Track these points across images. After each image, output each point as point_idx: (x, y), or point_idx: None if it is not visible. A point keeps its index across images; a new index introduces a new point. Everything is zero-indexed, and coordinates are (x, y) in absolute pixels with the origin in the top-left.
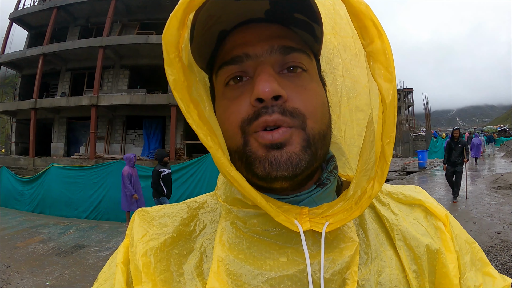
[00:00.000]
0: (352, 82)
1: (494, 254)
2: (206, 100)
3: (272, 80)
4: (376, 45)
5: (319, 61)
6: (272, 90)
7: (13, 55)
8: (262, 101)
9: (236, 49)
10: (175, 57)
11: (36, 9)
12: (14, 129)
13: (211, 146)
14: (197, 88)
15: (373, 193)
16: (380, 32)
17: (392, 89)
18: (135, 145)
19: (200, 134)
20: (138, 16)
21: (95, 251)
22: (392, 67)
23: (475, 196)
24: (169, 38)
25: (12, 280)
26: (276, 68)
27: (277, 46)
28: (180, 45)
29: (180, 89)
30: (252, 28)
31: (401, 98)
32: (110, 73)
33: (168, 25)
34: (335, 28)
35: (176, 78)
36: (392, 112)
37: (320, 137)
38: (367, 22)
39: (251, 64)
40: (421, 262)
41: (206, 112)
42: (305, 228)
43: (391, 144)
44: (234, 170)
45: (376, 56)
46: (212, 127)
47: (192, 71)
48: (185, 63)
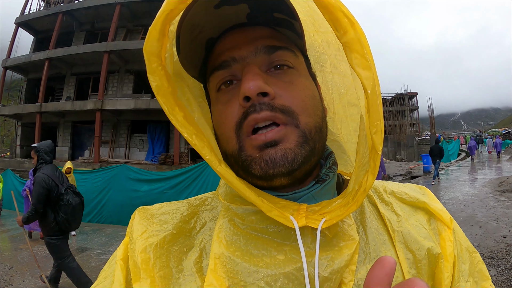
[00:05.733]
0: (341, 77)
1: (500, 258)
2: (194, 104)
3: (257, 78)
4: (350, 35)
5: (307, 57)
6: (257, 86)
7: (19, 59)
8: (249, 99)
9: (224, 54)
10: (157, 66)
11: (42, 14)
12: (19, 132)
13: (195, 144)
14: (184, 93)
15: (367, 186)
16: (352, 21)
17: (372, 76)
18: (139, 149)
19: (184, 133)
20: (143, 21)
21: (97, 254)
22: (369, 53)
23: (480, 199)
24: (149, 49)
25: (14, 281)
26: (263, 68)
27: (261, 46)
28: (162, 55)
29: (163, 94)
30: (237, 32)
31: (406, 102)
32: (115, 77)
33: (148, 37)
34: (315, 25)
35: (159, 84)
36: (375, 100)
37: (316, 130)
38: (337, 14)
39: (239, 67)
40: (421, 266)
41: (194, 114)
42: (300, 224)
43: (378, 133)
44: (220, 166)
45: (351, 45)
46: (199, 127)
47: (180, 78)
48: (169, 71)
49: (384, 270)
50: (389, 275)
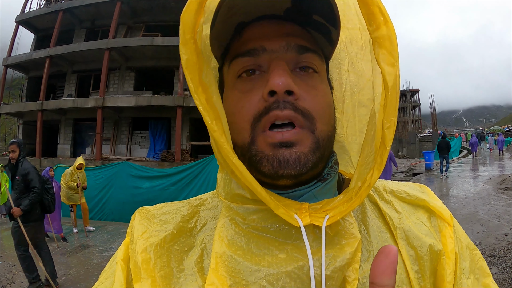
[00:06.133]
0: (357, 77)
1: (502, 256)
2: (214, 88)
3: (286, 75)
4: (382, 31)
5: (328, 64)
6: (286, 84)
7: (19, 57)
8: (274, 94)
9: (253, 41)
10: (190, 38)
11: (42, 12)
12: (21, 130)
13: (215, 130)
14: (207, 74)
15: (372, 181)
16: (386, 18)
17: (395, 73)
18: (141, 146)
19: (206, 117)
20: (144, 18)
21: (99, 251)
22: (396, 52)
23: (482, 197)
24: (186, 19)
25: (16, 279)
26: (290, 66)
27: (294, 44)
28: (195, 28)
29: (192, 69)
30: (270, 23)
31: (408, 98)
32: (116, 75)
33: (186, 7)
34: (343, 21)
35: (189, 58)
36: (394, 96)
37: (328, 139)
38: (374, 8)
39: (266, 58)
40: (423, 263)
41: (213, 98)
42: (305, 222)
43: (391, 128)
44: (236, 158)
45: (382, 41)
46: (218, 113)
47: (205, 58)
48: (199, 47)
49: (389, 258)
50: (393, 262)
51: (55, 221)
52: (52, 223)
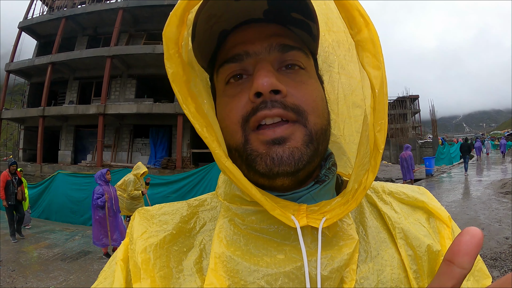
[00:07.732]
0: (348, 78)
1: (503, 260)
2: (205, 96)
3: (270, 75)
4: (363, 34)
5: (317, 60)
6: (270, 83)
7: (22, 63)
8: (260, 95)
9: (236, 47)
10: (175, 53)
11: (45, 18)
12: (22, 136)
13: (206, 137)
14: (196, 84)
15: (368, 184)
16: (367, 21)
17: (381, 76)
18: (141, 153)
19: (196, 125)
20: (145, 26)
21: (100, 258)
22: (380, 54)
23: (483, 201)
24: (169, 34)
25: (16, 283)
26: (275, 66)
27: (276, 44)
28: (179, 42)
29: (179, 82)
30: (252, 27)
31: (407, 105)
32: (118, 82)
33: (168, 22)
34: (328, 24)
35: (175, 71)
36: (382, 98)
37: (322, 132)
38: (354, 12)
39: (251, 61)
40: (421, 263)
41: (204, 106)
42: (302, 224)
43: (382, 131)
44: (228, 161)
45: (364, 44)
46: (209, 120)
47: (192, 69)
48: (184, 59)
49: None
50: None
51: (115, 231)
52: (112, 235)
